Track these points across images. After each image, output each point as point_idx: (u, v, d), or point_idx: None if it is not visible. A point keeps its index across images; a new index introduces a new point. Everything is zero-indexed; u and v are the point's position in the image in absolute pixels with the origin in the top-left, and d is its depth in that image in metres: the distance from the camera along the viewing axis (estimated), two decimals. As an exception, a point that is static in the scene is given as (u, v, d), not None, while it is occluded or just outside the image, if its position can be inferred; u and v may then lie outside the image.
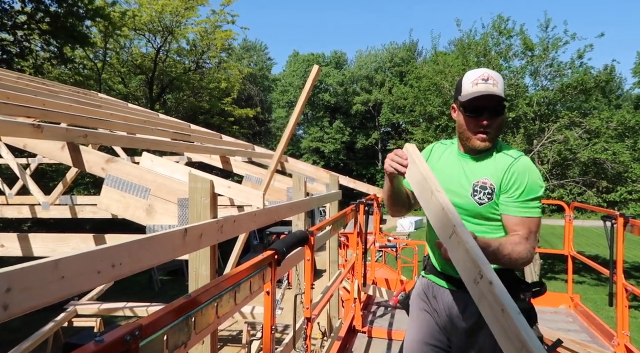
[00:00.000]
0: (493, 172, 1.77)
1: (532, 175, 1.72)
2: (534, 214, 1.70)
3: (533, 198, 1.70)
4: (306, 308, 2.47)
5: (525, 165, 1.74)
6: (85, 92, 8.11)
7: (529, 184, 1.71)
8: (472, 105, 1.74)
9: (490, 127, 1.75)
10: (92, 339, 0.94)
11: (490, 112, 1.74)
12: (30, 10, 15.77)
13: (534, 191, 1.71)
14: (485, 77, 1.75)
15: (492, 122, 1.75)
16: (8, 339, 6.90)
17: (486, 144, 1.77)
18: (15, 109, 3.13)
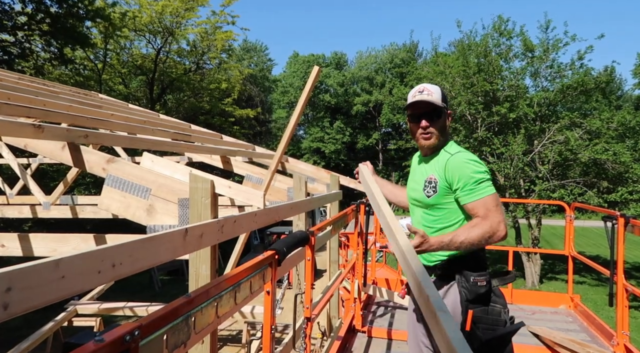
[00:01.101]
0: (436, 168, 2.07)
1: (465, 168, 1.96)
2: (482, 194, 1.92)
3: (475, 182, 1.93)
4: (306, 307, 2.48)
5: (457, 160, 2.00)
6: (85, 93, 8.11)
7: (465, 175, 1.94)
8: (412, 113, 2.12)
9: (430, 129, 2.08)
10: (91, 338, 0.95)
11: (426, 117, 2.08)
12: (31, 11, 15.77)
13: (471, 177, 1.93)
14: (421, 89, 2.12)
15: (430, 124, 2.08)
16: (8, 338, 6.90)
17: (429, 141, 2.10)
18: (16, 109, 3.13)
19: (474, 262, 2.00)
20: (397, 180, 44.64)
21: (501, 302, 1.97)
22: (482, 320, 1.92)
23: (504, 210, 2.01)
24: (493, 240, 1.88)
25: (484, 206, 1.90)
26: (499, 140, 16.15)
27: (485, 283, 1.94)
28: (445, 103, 2.12)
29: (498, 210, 1.88)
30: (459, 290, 1.97)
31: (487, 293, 1.95)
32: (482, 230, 1.85)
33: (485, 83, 15.96)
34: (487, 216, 1.87)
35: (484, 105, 16.39)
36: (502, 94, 16.38)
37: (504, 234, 1.88)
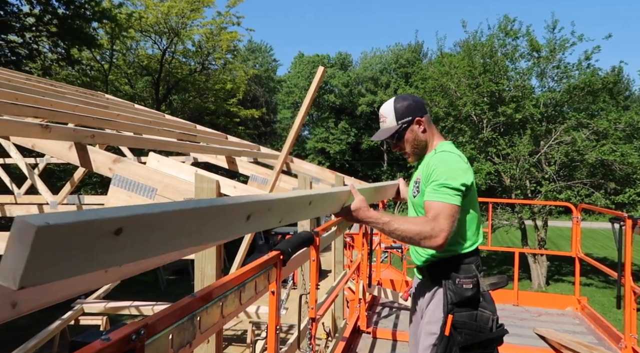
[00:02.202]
0: (422, 168, 2.04)
1: (443, 165, 1.90)
2: (441, 198, 1.83)
3: (442, 185, 1.85)
4: (311, 308, 2.47)
5: (439, 157, 1.95)
6: (92, 93, 8.16)
7: (439, 172, 1.88)
8: (387, 142, 2.18)
9: (401, 150, 2.13)
10: (97, 337, 0.95)
11: (392, 143, 2.13)
12: (38, 12, 15.89)
13: (443, 179, 1.86)
14: (380, 116, 2.14)
15: (398, 147, 2.12)
16: (16, 336, 6.95)
17: (410, 159, 2.15)
18: (24, 109, 3.15)
19: (462, 264, 1.95)
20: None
21: (491, 308, 1.91)
22: (466, 326, 1.87)
23: (454, 226, 1.85)
24: (427, 244, 1.79)
25: (436, 210, 1.82)
26: (505, 140, 16.08)
27: (472, 286, 1.89)
28: (404, 117, 2.05)
29: (448, 221, 1.78)
30: (444, 293, 1.93)
31: (474, 297, 1.89)
32: (421, 230, 1.77)
33: (491, 83, 15.89)
34: (435, 219, 1.79)
35: (489, 106, 16.32)
36: (508, 94, 16.30)
37: (441, 244, 1.77)
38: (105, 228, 0.65)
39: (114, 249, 0.68)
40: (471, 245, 1.98)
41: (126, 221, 0.68)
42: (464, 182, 1.86)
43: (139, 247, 0.74)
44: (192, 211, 0.86)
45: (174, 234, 0.83)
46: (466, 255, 1.96)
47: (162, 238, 0.79)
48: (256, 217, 1.10)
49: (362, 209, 1.79)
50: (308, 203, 1.46)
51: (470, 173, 1.93)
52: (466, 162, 1.97)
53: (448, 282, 1.93)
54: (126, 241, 0.70)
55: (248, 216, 1.06)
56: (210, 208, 0.93)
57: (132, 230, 0.70)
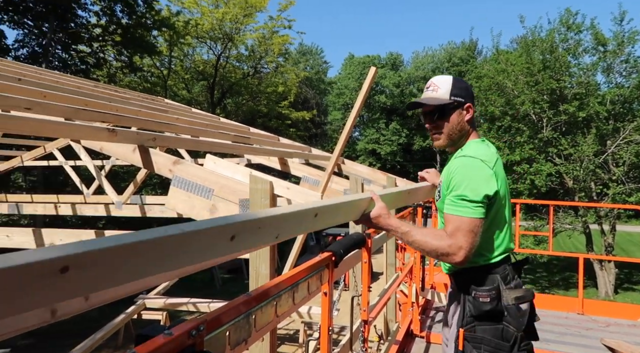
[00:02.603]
0: (445, 169, 1.91)
1: (462, 173, 1.75)
2: (460, 212, 1.71)
3: (461, 197, 1.72)
4: (363, 310, 2.46)
5: (460, 163, 1.80)
6: (153, 98, 8.57)
7: (458, 180, 1.75)
8: (422, 113, 1.97)
9: (434, 129, 1.93)
10: (160, 332, 0.99)
11: (429, 116, 1.93)
12: (104, 23, 16.94)
13: (460, 187, 1.73)
14: (428, 85, 1.95)
15: (434, 124, 1.92)
16: (86, 328, 7.44)
17: (437, 142, 1.96)
18: (93, 115, 3.36)
19: (484, 276, 1.82)
20: (456, 182, 43.30)
21: (516, 324, 1.76)
22: (484, 341, 1.76)
23: (476, 241, 1.70)
24: (445, 260, 1.72)
25: (454, 224, 1.71)
26: (567, 140, 15.24)
27: (490, 299, 1.77)
28: (457, 95, 1.87)
29: (467, 236, 1.67)
30: (462, 305, 1.85)
31: (495, 311, 1.77)
32: (439, 246, 1.69)
33: (551, 80, 15.13)
34: (453, 235, 1.69)
35: (549, 104, 15.54)
36: (570, 91, 15.45)
37: (460, 261, 1.67)
38: (49, 268, 0.64)
39: (62, 287, 0.67)
40: (496, 255, 1.84)
41: (72, 260, 0.67)
42: (486, 193, 1.71)
43: (88, 284, 0.73)
44: (143, 244, 0.82)
45: (127, 269, 0.81)
46: (490, 267, 1.83)
47: (109, 275, 0.77)
48: (243, 237, 1.08)
49: (383, 216, 1.71)
50: (313, 216, 1.40)
51: (494, 180, 1.75)
52: (491, 167, 1.77)
53: (468, 294, 1.83)
54: (75, 278, 0.68)
55: (232, 237, 1.04)
56: (173, 238, 0.89)
57: (79, 268, 0.69)
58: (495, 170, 1.77)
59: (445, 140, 1.93)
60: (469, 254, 1.67)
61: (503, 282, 1.80)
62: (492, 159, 1.81)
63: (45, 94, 3.39)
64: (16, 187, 17.18)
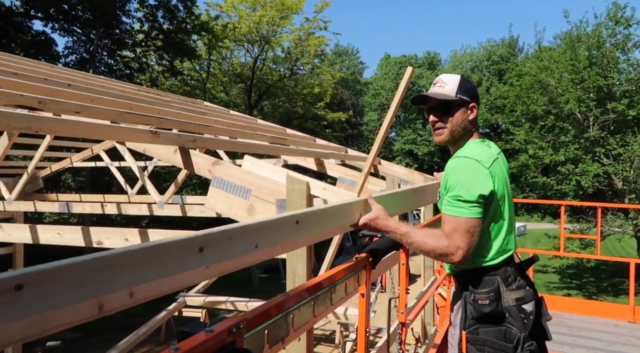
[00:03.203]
0: (443, 172, 1.90)
1: (457, 173, 1.76)
2: (456, 213, 1.71)
3: (456, 197, 1.72)
4: (400, 312, 2.44)
5: (455, 163, 1.80)
6: (192, 101, 8.79)
7: (453, 181, 1.75)
8: (427, 108, 1.96)
9: (438, 124, 1.91)
10: (202, 328, 1.02)
11: (433, 111, 1.92)
12: (147, 29, 17.55)
13: (456, 188, 1.73)
14: (436, 81, 1.96)
15: (438, 120, 1.90)
16: (130, 323, 7.72)
17: (438, 138, 1.94)
18: (136, 117, 3.49)
19: (483, 277, 1.82)
20: (496, 184, 42.12)
21: (518, 325, 1.74)
22: (487, 343, 1.76)
23: (474, 241, 1.72)
24: (444, 260, 1.75)
25: (451, 225, 1.71)
26: (616, 140, 14.52)
27: (489, 301, 1.77)
28: (463, 94, 1.88)
29: (464, 236, 1.68)
30: (463, 307, 1.84)
31: (496, 313, 1.76)
32: (435, 246, 1.69)
33: (598, 78, 14.46)
34: (450, 236, 1.69)
35: (596, 102, 14.86)
36: (619, 88, 14.71)
37: (458, 261, 1.68)
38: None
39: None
40: (496, 257, 1.82)
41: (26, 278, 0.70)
42: (481, 193, 1.70)
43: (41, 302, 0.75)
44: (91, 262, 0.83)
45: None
46: (489, 268, 1.82)
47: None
48: (213, 248, 1.07)
49: (380, 218, 1.70)
50: (294, 223, 1.37)
51: (489, 180, 1.74)
52: (487, 167, 1.76)
53: (468, 295, 1.83)
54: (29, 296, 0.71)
55: (200, 248, 1.04)
56: (129, 254, 0.90)
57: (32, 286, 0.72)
58: (491, 170, 1.77)
59: (447, 136, 1.92)
60: (467, 254, 1.68)
61: (504, 284, 1.80)
62: (489, 159, 1.81)
63: (92, 98, 3.55)
64: (66, 187, 18.06)
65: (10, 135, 3.30)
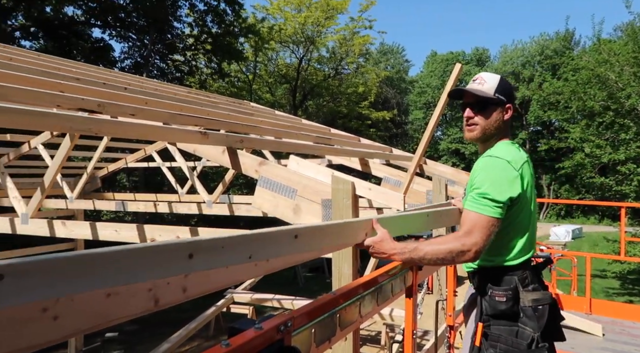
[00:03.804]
0: (471, 172, 1.91)
1: (486, 172, 1.77)
2: (479, 210, 1.72)
3: (482, 195, 1.73)
4: (448, 315, 2.39)
5: (485, 162, 1.80)
6: (239, 102, 9.00)
7: (481, 179, 1.76)
8: (462, 104, 1.97)
9: (473, 120, 1.91)
10: (251, 325, 1.04)
11: (469, 107, 1.92)
12: (197, 33, 18.13)
13: (483, 185, 1.73)
14: (476, 78, 1.97)
15: (474, 115, 1.91)
16: (180, 318, 8.01)
17: (470, 134, 1.94)
18: (187, 119, 3.61)
19: (503, 276, 1.85)
20: (549, 183, 40.36)
21: (532, 325, 1.76)
22: (500, 340, 1.78)
23: (489, 240, 1.73)
24: (460, 260, 1.72)
25: (472, 221, 1.72)
26: (685, 137, 13.52)
27: (506, 299, 1.79)
28: (501, 94, 1.89)
29: (482, 234, 1.69)
30: (479, 303, 1.87)
31: (511, 311, 1.79)
32: (453, 246, 1.69)
33: (663, 70, 13.51)
34: (470, 232, 1.70)
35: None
36: (688, 82, 13.67)
37: (473, 257, 1.70)
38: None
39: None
40: (517, 257, 1.85)
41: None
42: (509, 196, 1.73)
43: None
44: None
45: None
46: (509, 268, 1.85)
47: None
48: (203, 256, 1.06)
49: (385, 241, 1.66)
50: (293, 237, 1.34)
51: (518, 183, 1.76)
52: (517, 169, 1.77)
53: (485, 293, 1.87)
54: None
55: (190, 255, 1.02)
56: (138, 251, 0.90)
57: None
58: (521, 172, 1.78)
59: (479, 134, 1.93)
60: (481, 251, 1.70)
61: (521, 284, 1.83)
62: (519, 161, 1.81)
63: (146, 100, 3.71)
64: (121, 186, 18.98)
65: (72, 137, 3.51)
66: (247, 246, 1.20)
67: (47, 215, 6.58)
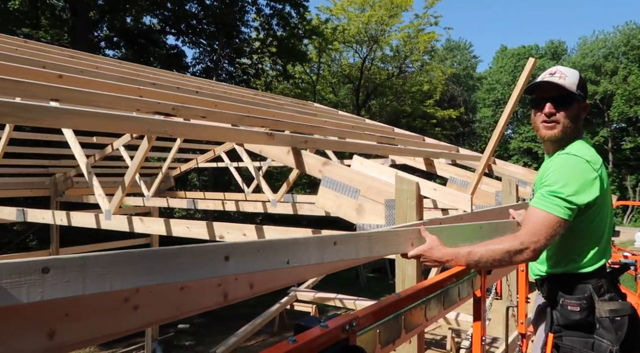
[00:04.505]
0: (540, 170, 1.81)
1: (563, 169, 1.64)
2: (547, 208, 1.59)
3: (554, 193, 1.60)
4: (520, 322, 2.28)
5: (563, 160, 1.68)
6: (303, 103, 9.13)
7: (556, 176, 1.63)
8: (535, 98, 1.81)
9: (555, 116, 1.76)
10: (317, 323, 1.06)
11: (552, 102, 1.76)
12: (263, 37, 18.67)
13: (557, 183, 1.61)
14: (553, 71, 1.82)
15: (557, 111, 1.76)
16: (246, 313, 8.29)
17: (551, 132, 1.78)
18: (254, 120, 3.73)
19: (575, 284, 1.72)
20: (635, 184, 37.11)
21: (610, 338, 1.63)
22: (574, 352, 1.67)
23: (551, 241, 1.58)
24: (518, 260, 1.59)
25: (537, 219, 1.60)
26: None
27: (579, 309, 1.67)
28: (581, 91, 1.77)
29: (547, 233, 1.57)
30: (550, 312, 1.76)
31: (585, 322, 1.66)
32: (510, 246, 1.56)
33: None
34: (532, 230, 1.58)
35: None
36: None
37: (530, 257, 1.58)
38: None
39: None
40: (591, 264, 1.73)
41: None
42: (585, 199, 1.60)
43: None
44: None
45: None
46: (582, 276, 1.73)
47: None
48: (239, 259, 1.05)
49: (435, 248, 1.56)
50: (332, 244, 1.30)
51: (597, 185, 1.63)
52: (596, 170, 1.64)
53: (556, 302, 1.76)
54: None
55: (226, 257, 1.01)
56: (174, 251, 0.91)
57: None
58: (600, 173, 1.67)
59: (560, 132, 1.78)
60: (541, 250, 1.60)
61: (596, 293, 1.71)
62: (598, 162, 1.69)
63: (216, 103, 3.87)
64: (192, 185, 19.96)
65: (149, 139, 3.75)
66: (285, 251, 1.20)
67: (127, 212, 7.05)
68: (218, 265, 1.03)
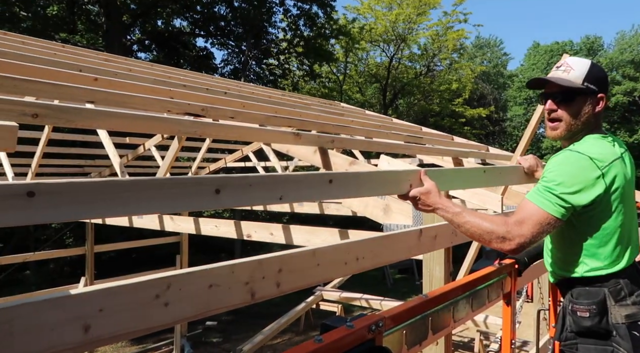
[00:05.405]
0: None
1: (561, 166, 1.57)
2: (539, 203, 1.52)
3: (549, 189, 1.53)
4: (552, 326, 2.21)
5: (563, 156, 1.60)
6: (330, 103, 9.14)
7: (553, 174, 1.55)
8: (542, 93, 1.74)
9: (555, 114, 1.68)
10: (343, 323, 1.06)
11: (551, 98, 1.68)
12: (290, 37, 18.79)
13: (555, 180, 1.53)
14: (560, 63, 1.74)
15: (557, 108, 1.67)
16: (272, 312, 8.38)
17: (554, 132, 1.71)
18: (281, 120, 3.76)
19: (587, 287, 1.62)
20: (676, 186, 35.49)
21: (626, 347, 1.51)
22: None
23: (537, 237, 1.48)
24: (496, 245, 1.52)
25: (527, 212, 1.52)
26: None
27: (589, 315, 1.57)
28: (591, 83, 1.63)
29: (534, 228, 1.49)
30: (562, 317, 1.68)
31: (599, 329, 1.56)
32: (495, 229, 1.50)
33: None
34: (520, 222, 1.50)
35: None
36: None
37: (511, 250, 1.51)
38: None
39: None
40: (605, 267, 1.61)
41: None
42: (583, 201, 1.52)
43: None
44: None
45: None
46: (594, 279, 1.62)
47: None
48: (230, 191, 1.03)
49: (432, 193, 1.56)
50: (328, 182, 1.27)
51: (600, 185, 1.52)
52: (601, 168, 1.53)
53: (567, 305, 1.67)
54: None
55: (217, 190, 1.00)
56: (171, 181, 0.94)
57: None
58: (607, 171, 1.55)
59: (563, 132, 1.69)
60: (525, 246, 1.52)
61: (613, 297, 1.59)
62: (608, 157, 1.58)
63: (244, 104, 3.92)
64: (220, 184, 20.29)
65: (179, 139, 3.83)
66: (277, 186, 1.19)
67: (158, 211, 7.20)
68: (209, 197, 1.03)
